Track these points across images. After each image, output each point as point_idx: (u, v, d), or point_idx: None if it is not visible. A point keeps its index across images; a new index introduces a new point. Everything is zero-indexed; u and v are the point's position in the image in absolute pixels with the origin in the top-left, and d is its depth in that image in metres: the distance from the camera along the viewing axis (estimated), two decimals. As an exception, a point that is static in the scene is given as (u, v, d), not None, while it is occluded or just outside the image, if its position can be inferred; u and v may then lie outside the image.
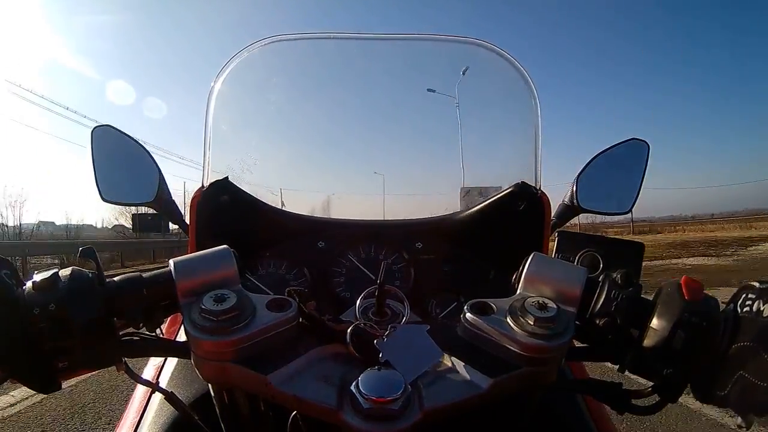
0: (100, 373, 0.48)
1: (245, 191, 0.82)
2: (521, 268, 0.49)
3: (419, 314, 0.55)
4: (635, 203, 0.86)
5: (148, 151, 0.86)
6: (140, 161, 0.85)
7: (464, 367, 0.42)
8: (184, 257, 0.48)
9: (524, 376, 0.41)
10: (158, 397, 0.64)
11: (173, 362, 0.70)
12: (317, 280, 0.79)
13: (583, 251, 0.69)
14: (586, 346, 0.50)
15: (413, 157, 1.18)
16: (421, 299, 0.76)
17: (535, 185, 0.82)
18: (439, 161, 1.17)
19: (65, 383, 0.45)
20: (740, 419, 0.41)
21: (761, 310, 0.41)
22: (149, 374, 0.72)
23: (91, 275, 0.45)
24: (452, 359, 0.43)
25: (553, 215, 0.86)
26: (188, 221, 0.82)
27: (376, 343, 0.43)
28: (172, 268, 0.46)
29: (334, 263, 0.81)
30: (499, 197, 0.83)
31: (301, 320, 0.46)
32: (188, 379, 0.65)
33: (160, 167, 0.86)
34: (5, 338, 0.40)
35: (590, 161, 0.89)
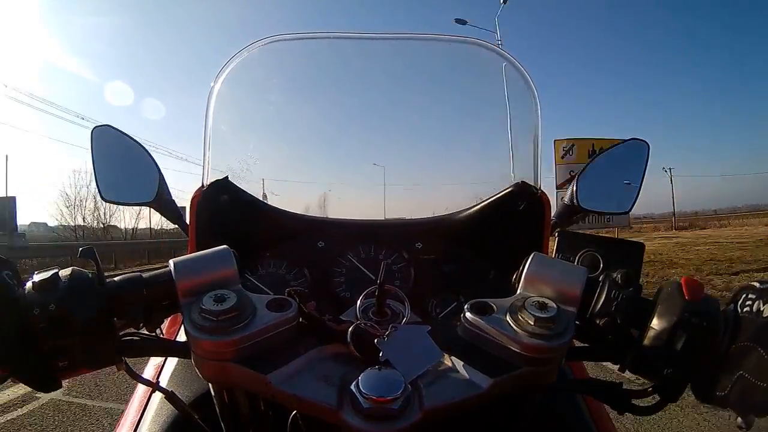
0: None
1: (245, 191, 0.82)
2: (521, 268, 0.49)
3: (419, 314, 0.55)
4: (635, 203, 0.87)
5: (147, 151, 0.86)
6: (140, 161, 0.85)
7: (464, 367, 0.42)
8: (184, 257, 0.48)
9: (524, 376, 0.41)
10: (158, 396, 0.64)
11: (173, 362, 0.70)
12: (317, 280, 0.79)
13: (583, 251, 0.69)
14: (586, 346, 0.50)
15: (413, 156, 1.19)
16: (421, 299, 0.76)
17: (535, 185, 0.82)
18: (439, 161, 1.17)
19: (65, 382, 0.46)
20: (740, 419, 0.41)
21: (761, 310, 0.41)
22: (149, 374, 0.72)
23: (91, 275, 0.45)
24: (452, 359, 0.43)
25: (553, 215, 0.86)
26: (188, 221, 0.82)
27: (376, 342, 0.43)
28: (172, 268, 0.46)
29: (334, 263, 0.81)
30: (499, 197, 0.83)
31: (301, 320, 0.46)
32: (188, 378, 0.65)
33: (159, 167, 0.86)
34: (5, 338, 0.41)
35: (590, 161, 0.89)
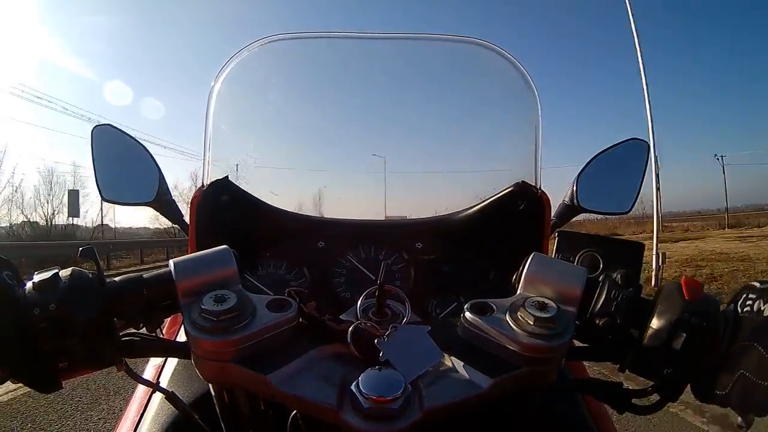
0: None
1: (245, 191, 0.82)
2: (521, 268, 0.49)
3: (419, 314, 0.55)
4: (635, 203, 0.87)
5: (148, 150, 0.86)
6: (140, 161, 0.85)
7: (464, 367, 0.42)
8: (184, 257, 0.48)
9: (524, 376, 0.41)
10: (158, 396, 0.64)
11: (173, 362, 0.70)
12: (317, 280, 0.79)
13: (583, 251, 0.69)
14: (586, 346, 0.50)
15: (413, 156, 1.19)
16: (421, 299, 0.76)
17: (535, 185, 0.82)
18: (439, 160, 1.16)
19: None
20: (740, 419, 0.41)
21: (762, 309, 0.41)
22: (149, 374, 0.72)
23: (91, 275, 0.45)
24: (452, 359, 0.43)
25: (553, 215, 0.86)
26: (188, 221, 0.82)
27: (376, 342, 0.43)
28: (172, 268, 0.46)
29: (334, 263, 0.81)
30: (499, 197, 0.83)
31: (301, 320, 0.46)
32: (188, 379, 0.65)
33: (160, 167, 0.86)
34: (6, 338, 0.40)
35: (590, 161, 0.89)
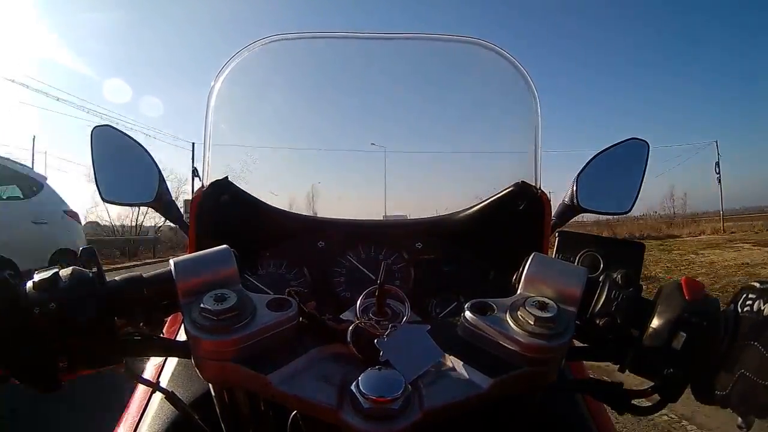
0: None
1: (245, 191, 0.82)
2: (521, 268, 0.49)
3: (419, 314, 0.55)
4: (635, 203, 0.87)
5: (148, 151, 0.86)
6: (140, 161, 0.85)
7: (464, 367, 0.42)
8: (184, 257, 0.48)
9: (524, 376, 0.41)
10: (158, 396, 0.64)
11: (173, 362, 0.70)
12: (317, 280, 0.79)
13: (583, 251, 0.69)
14: (586, 346, 0.50)
15: (413, 156, 1.19)
16: (421, 299, 0.76)
17: (535, 185, 0.82)
18: (439, 160, 1.17)
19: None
20: (740, 419, 0.41)
21: (762, 309, 0.41)
22: (149, 374, 0.72)
23: (91, 275, 0.45)
24: (452, 359, 0.43)
25: (553, 215, 0.86)
26: (188, 221, 0.82)
27: (376, 342, 0.43)
28: (172, 268, 0.46)
29: (334, 263, 0.81)
30: (499, 197, 0.83)
31: (301, 320, 0.46)
32: (188, 378, 0.65)
33: (160, 167, 0.86)
34: (6, 338, 0.40)
35: (590, 161, 0.89)
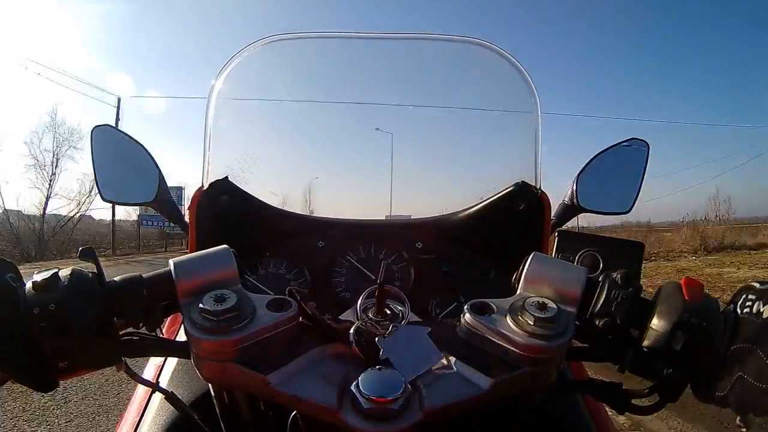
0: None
1: (245, 191, 0.82)
2: (521, 268, 0.49)
3: (419, 314, 0.55)
4: (635, 203, 0.87)
5: (148, 150, 0.86)
6: (140, 161, 0.85)
7: (464, 367, 0.42)
8: (184, 257, 0.48)
9: (524, 376, 0.41)
10: (158, 396, 0.64)
11: (173, 362, 0.70)
12: (317, 280, 0.79)
13: (583, 251, 0.69)
14: (586, 346, 0.50)
15: (413, 155, 1.19)
16: (421, 299, 0.76)
17: (535, 185, 0.82)
18: (439, 160, 1.17)
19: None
20: (740, 420, 0.41)
21: (761, 311, 0.41)
22: (149, 374, 0.72)
23: (91, 275, 0.45)
24: (452, 359, 0.43)
25: (553, 215, 0.86)
26: (188, 221, 0.82)
27: (376, 342, 0.43)
28: (172, 268, 0.46)
29: (334, 263, 0.81)
30: (499, 197, 0.83)
31: (301, 320, 0.46)
32: (188, 379, 0.65)
33: (160, 167, 0.86)
34: (5, 338, 0.40)
35: (590, 161, 0.89)
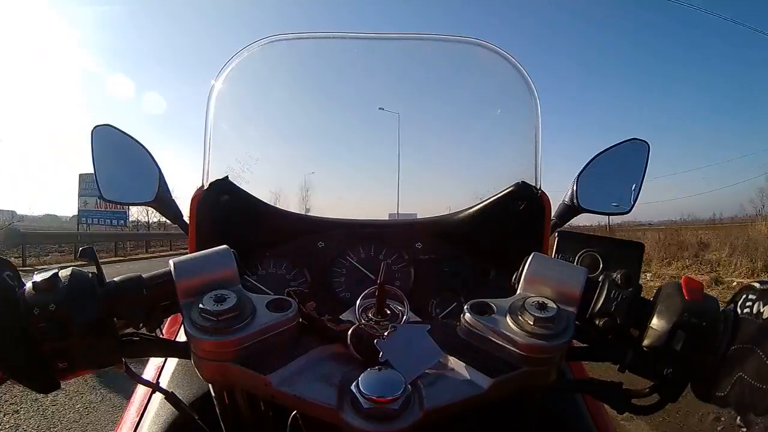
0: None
1: (245, 191, 0.82)
2: (521, 268, 0.49)
3: (419, 314, 0.55)
4: (635, 203, 0.87)
5: (148, 150, 0.86)
6: (141, 161, 0.85)
7: (464, 367, 0.42)
8: (184, 257, 0.48)
9: (524, 376, 0.42)
10: (158, 397, 0.64)
11: (173, 362, 0.70)
12: (317, 280, 0.79)
13: (582, 251, 0.69)
14: (586, 346, 0.50)
15: (413, 156, 1.19)
16: (421, 299, 0.76)
17: (535, 185, 0.82)
18: (439, 160, 1.17)
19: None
20: (740, 419, 0.41)
21: (761, 311, 0.41)
22: (149, 374, 0.72)
23: (91, 276, 0.45)
24: (452, 359, 0.43)
25: (553, 215, 0.86)
26: (188, 221, 0.82)
27: (376, 343, 0.43)
28: (172, 268, 0.46)
29: (333, 263, 0.81)
30: (499, 197, 0.83)
31: (300, 320, 0.46)
32: (188, 379, 0.65)
33: (160, 167, 0.86)
34: (5, 338, 0.41)
35: (590, 161, 0.89)
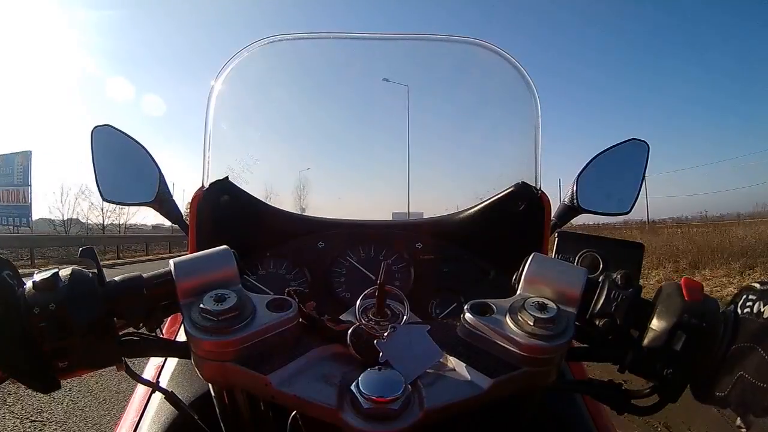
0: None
1: (245, 191, 0.82)
2: (521, 268, 0.49)
3: (419, 314, 0.55)
4: (635, 203, 0.87)
5: (148, 151, 0.86)
6: (140, 161, 0.85)
7: (464, 367, 0.42)
8: (184, 257, 0.48)
9: (524, 376, 0.42)
10: (158, 396, 0.64)
11: (173, 362, 0.70)
12: (317, 280, 0.79)
13: (583, 252, 0.69)
14: (586, 346, 0.50)
15: (413, 156, 1.19)
16: (421, 299, 0.76)
17: (535, 185, 0.82)
18: (439, 160, 1.17)
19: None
20: (740, 420, 0.41)
21: (761, 311, 0.41)
22: (149, 374, 0.72)
23: (91, 275, 0.45)
24: (452, 359, 0.43)
25: (553, 215, 0.86)
26: (188, 221, 0.82)
27: (376, 343, 0.43)
28: (172, 268, 0.46)
29: (334, 263, 0.81)
30: (499, 197, 0.83)
31: (301, 320, 0.46)
32: (188, 379, 0.65)
33: (160, 167, 0.86)
34: (5, 338, 0.40)
35: (590, 161, 0.89)
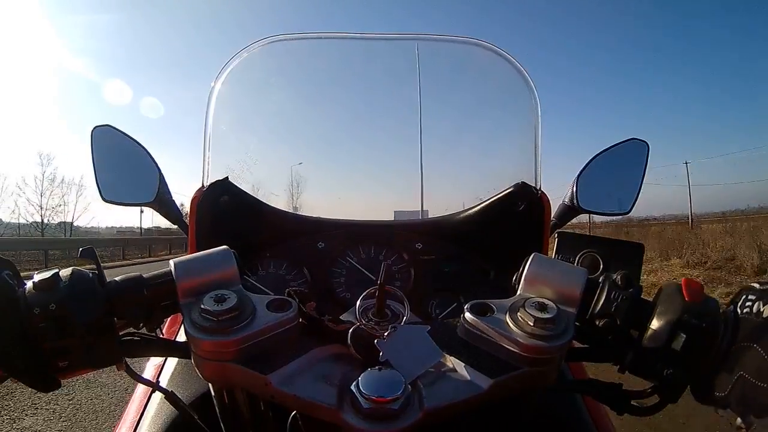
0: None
1: (245, 191, 0.82)
2: (521, 268, 0.49)
3: (419, 315, 0.55)
4: (635, 203, 0.87)
5: (148, 151, 0.86)
6: (140, 161, 0.85)
7: (464, 367, 0.42)
8: (184, 257, 0.48)
9: (524, 376, 0.42)
10: (158, 396, 0.64)
11: (173, 362, 0.70)
12: (317, 280, 0.79)
13: (583, 252, 0.69)
14: (586, 346, 0.50)
15: (413, 156, 1.19)
16: (421, 299, 0.76)
17: (535, 185, 0.82)
18: (439, 160, 1.17)
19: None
20: (740, 420, 0.41)
21: (761, 311, 0.41)
22: (149, 374, 0.72)
23: (91, 275, 0.45)
24: (452, 359, 0.43)
25: (553, 215, 0.86)
26: (188, 221, 0.82)
27: (376, 343, 0.43)
28: (172, 268, 0.46)
29: (334, 264, 0.81)
30: (499, 197, 0.83)
31: (301, 321, 0.46)
32: (188, 379, 0.65)
33: (160, 167, 0.86)
34: (6, 338, 0.41)
35: (590, 161, 0.89)
